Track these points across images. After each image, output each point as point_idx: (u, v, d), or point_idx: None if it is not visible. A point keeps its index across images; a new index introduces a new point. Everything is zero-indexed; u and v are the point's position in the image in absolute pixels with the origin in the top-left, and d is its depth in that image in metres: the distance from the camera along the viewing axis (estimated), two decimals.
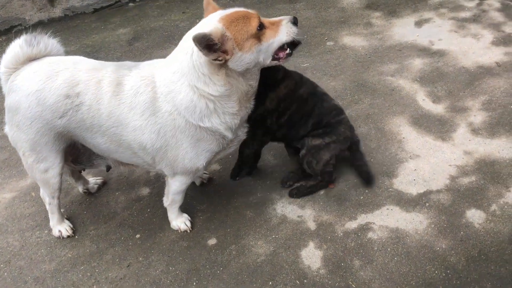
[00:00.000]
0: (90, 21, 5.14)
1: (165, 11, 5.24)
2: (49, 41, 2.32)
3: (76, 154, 2.57)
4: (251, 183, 2.98)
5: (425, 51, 4.12)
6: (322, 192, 2.87)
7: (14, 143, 2.40)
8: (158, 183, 3.01)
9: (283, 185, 2.91)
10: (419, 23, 4.56)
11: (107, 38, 4.78)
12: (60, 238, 2.71)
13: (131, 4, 5.46)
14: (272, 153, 3.20)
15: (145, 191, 2.99)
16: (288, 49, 2.15)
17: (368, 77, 3.86)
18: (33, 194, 3.00)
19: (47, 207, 2.66)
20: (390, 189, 2.85)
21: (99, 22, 5.12)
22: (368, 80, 3.82)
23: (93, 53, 4.53)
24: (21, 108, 2.23)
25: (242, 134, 2.42)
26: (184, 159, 2.30)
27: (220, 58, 1.97)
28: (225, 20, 1.99)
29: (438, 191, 2.81)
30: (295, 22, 2.13)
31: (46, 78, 2.20)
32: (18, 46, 2.25)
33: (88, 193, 2.98)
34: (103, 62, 2.35)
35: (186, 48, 2.07)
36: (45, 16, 5.08)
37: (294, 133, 2.70)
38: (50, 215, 2.69)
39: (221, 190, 2.95)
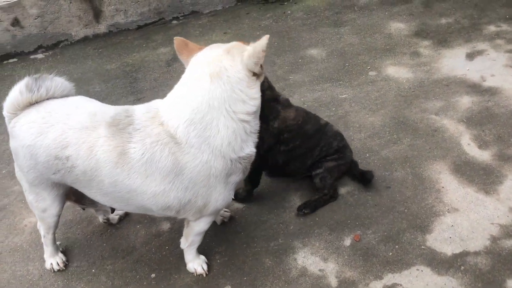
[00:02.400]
0: (133, 38, 5.19)
1: (207, 30, 5.21)
2: (52, 84, 2.21)
3: (79, 195, 2.53)
4: (274, 226, 2.85)
5: (475, 88, 3.83)
6: (348, 244, 2.69)
7: (18, 179, 2.46)
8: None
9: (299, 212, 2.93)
10: (470, 55, 4.25)
11: (147, 57, 4.80)
12: (51, 271, 2.70)
13: (174, 21, 5.47)
14: (299, 194, 3.05)
15: (165, 226, 2.93)
16: None
17: (410, 114, 3.63)
18: None
19: (42, 239, 2.68)
20: (422, 246, 2.63)
21: (141, 39, 5.15)
22: (409, 118, 3.59)
23: (132, 72, 4.56)
24: (19, 155, 2.26)
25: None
26: (217, 201, 2.22)
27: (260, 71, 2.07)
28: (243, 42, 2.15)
29: (476, 253, 2.57)
30: None
31: (38, 133, 2.14)
32: (18, 91, 2.17)
33: (108, 223, 2.96)
34: (96, 114, 2.15)
35: (216, 72, 2.01)
36: (90, 32, 5.18)
37: (300, 164, 2.95)
38: (44, 247, 2.70)
39: (242, 232, 2.84)
